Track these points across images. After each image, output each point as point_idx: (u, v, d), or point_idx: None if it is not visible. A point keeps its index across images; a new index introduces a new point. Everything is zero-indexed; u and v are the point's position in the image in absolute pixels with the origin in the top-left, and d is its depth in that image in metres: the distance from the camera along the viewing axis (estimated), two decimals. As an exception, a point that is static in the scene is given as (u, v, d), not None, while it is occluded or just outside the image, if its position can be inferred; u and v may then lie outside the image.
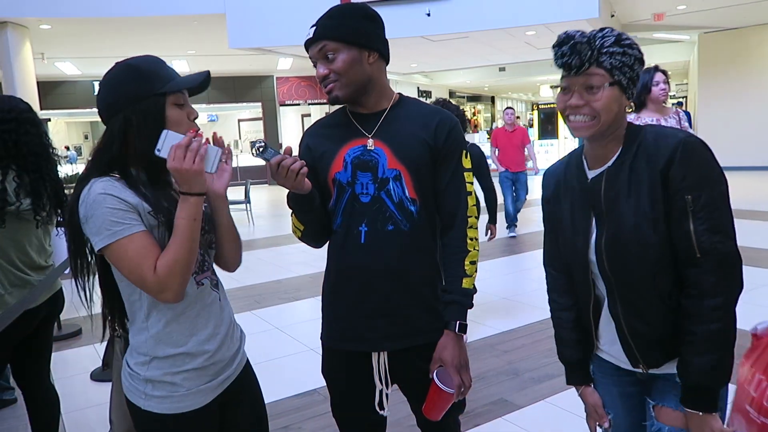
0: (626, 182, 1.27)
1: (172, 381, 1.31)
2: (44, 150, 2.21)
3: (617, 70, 1.23)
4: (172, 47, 11.98)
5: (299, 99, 17.29)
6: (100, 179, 1.26)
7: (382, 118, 1.54)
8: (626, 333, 1.34)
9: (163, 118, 1.30)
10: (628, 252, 1.27)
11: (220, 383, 1.39)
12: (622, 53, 1.23)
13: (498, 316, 4.37)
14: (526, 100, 31.75)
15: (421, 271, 1.55)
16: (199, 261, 1.37)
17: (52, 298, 2.29)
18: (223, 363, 1.40)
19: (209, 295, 1.39)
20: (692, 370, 1.24)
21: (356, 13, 1.48)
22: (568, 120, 1.29)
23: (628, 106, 1.29)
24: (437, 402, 1.51)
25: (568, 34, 1.23)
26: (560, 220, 1.44)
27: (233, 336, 1.46)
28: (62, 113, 17.06)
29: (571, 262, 1.42)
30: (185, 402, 1.33)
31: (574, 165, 1.41)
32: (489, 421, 2.82)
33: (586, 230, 1.35)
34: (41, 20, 8.99)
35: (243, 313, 4.76)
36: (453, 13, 9.23)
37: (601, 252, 1.31)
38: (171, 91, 1.31)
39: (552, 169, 1.50)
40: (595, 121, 1.25)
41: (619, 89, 1.24)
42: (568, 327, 1.50)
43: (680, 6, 10.60)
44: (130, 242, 1.22)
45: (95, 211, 1.22)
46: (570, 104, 1.26)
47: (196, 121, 1.39)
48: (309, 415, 2.96)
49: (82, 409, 3.18)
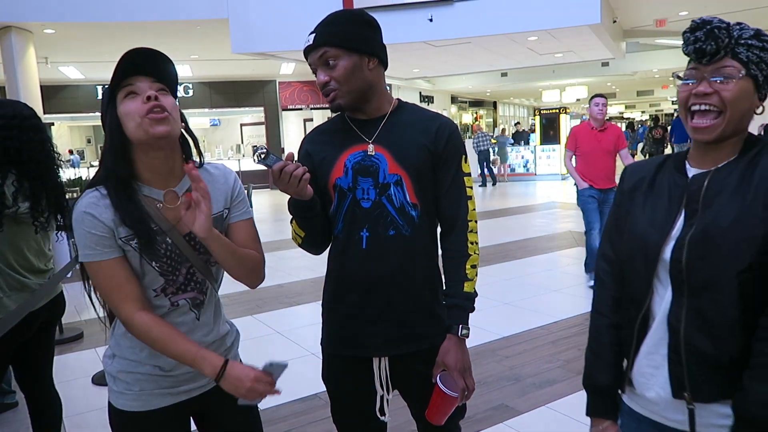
0: (736, 182, 1.14)
1: (125, 380, 1.35)
2: (46, 156, 2.21)
3: (753, 64, 1.11)
4: (175, 52, 11.96)
5: (301, 103, 17.33)
6: (89, 192, 1.28)
7: (382, 123, 1.54)
8: (682, 351, 1.15)
9: (118, 119, 1.26)
10: (717, 247, 1.11)
11: (182, 392, 1.40)
12: (761, 48, 1.11)
13: (499, 321, 4.36)
14: (528, 106, 31.78)
15: (422, 276, 1.55)
16: (181, 282, 1.35)
17: (52, 302, 2.30)
18: (187, 376, 1.39)
19: (182, 315, 1.38)
20: (754, 399, 1.07)
21: (356, 19, 1.49)
22: (690, 117, 1.16)
23: (757, 107, 1.16)
24: (441, 406, 1.51)
25: (704, 20, 1.12)
26: (634, 215, 1.28)
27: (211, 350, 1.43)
28: (65, 117, 17.10)
29: (634, 260, 1.24)
30: (138, 401, 1.35)
31: (671, 164, 1.27)
32: (490, 426, 2.81)
33: (666, 225, 1.20)
34: (45, 24, 9.02)
35: (244, 317, 4.77)
36: (455, 19, 9.25)
37: (682, 248, 1.15)
38: (116, 87, 1.27)
39: (638, 164, 1.37)
40: (719, 119, 1.13)
41: (753, 84, 1.12)
42: (609, 346, 1.31)
43: (682, 12, 10.61)
44: (99, 268, 1.27)
45: (76, 229, 1.27)
46: (697, 91, 1.13)
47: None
48: (310, 419, 2.95)
49: (84, 412, 3.18)
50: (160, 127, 1.24)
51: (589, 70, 17.45)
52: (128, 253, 1.29)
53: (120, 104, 1.26)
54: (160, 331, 1.26)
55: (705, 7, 10.22)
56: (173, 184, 1.34)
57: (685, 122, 1.18)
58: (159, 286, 1.33)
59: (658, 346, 1.20)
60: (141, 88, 1.26)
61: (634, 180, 1.33)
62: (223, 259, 1.33)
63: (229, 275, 1.43)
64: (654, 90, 27.04)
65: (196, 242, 1.36)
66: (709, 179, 1.17)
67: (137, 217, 1.26)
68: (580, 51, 12.44)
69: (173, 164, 1.33)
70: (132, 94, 1.26)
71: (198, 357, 1.25)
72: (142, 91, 1.25)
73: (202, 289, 1.41)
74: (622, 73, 18.64)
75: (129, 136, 1.26)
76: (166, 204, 1.32)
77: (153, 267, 1.30)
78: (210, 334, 1.43)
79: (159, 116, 1.24)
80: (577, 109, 23.68)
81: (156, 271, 1.31)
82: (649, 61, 17.10)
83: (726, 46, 1.11)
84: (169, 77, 1.32)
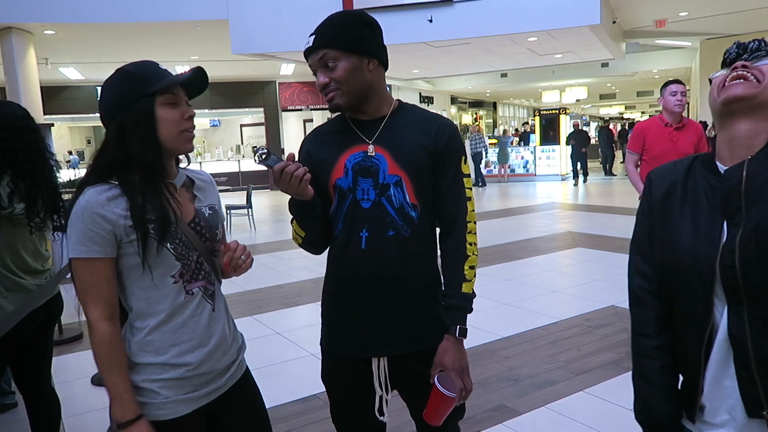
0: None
1: (150, 388, 1.33)
2: (38, 157, 2.20)
3: None
4: (175, 53, 12.03)
5: (301, 104, 17.34)
6: (93, 188, 1.29)
7: (382, 124, 1.54)
8: (753, 364, 1.04)
9: (153, 119, 1.31)
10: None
11: (204, 395, 1.39)
12: None
13: (498, 321, 4.36)
14: (528, 106, 31.79)
15: (421, 277, 1.56)
16: (192, 269, 1.37)
17: (49, 302, 2.29)
18: (209, 375, 1.40)
19: (199, 306, 1.39)
20: None
21: (355, 20, 1.49)
22: (725, 87, 1.11)
23: None
24: (439, 407, 1.51)
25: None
26: (674, 226, 1.17)
27: (227, 348, 1.45)
28: (65, 118, 17.11)
29: (687, 279, 1.12)
30: (163, 410, 1.33)
31: (699, 165, 1.19)
32: (489, 427, 2.81)
33: (713, 234, 1.10)
34: (45, 26, 9.03)
35: (244, 317, 4.77)
36: (455, 20, 9.26)
37: (733, 251, 1.05)
38: (159, 89, 1.31)
39: (663, 168, 1.26)
40: (758, 88, 1.08)
41: None
42: (662, 369, 1.18)
43: (682, 12, 10.62)
44: (88, 265, 1.27)
45: (74, 223, 1.26)
46: (736, 66, 1.11)
47: (197, 127, 1.41)
48: (309, 420, 2.95)
49: (83, 413, 3.18)
50: (191, 144, 1.39)
51: (589, 70, 17.47)
52: (132, 244, 1.29)
53: (159, 107, 1.32)
54: (113, 348, 1.28)
55: (704, 8, 10.23)
56: (172, 178, 1.41)
57: (719, 98, 1.12)
58: (177, 271, 1.35)
59: (724, 365, 1.09)
60: (182, 101, 1.37)
61: (665, 186, 1.22)
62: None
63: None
64: (654, 90, 26.99)
65: (200, 230, 1.41)
66: (746, 170, 1.08)
67: (163, 203, 1.33)
68: (579, 52, 12.45)
69: (172, 161, 1.44)
70: (174, 104, 1.35)
71: (125, 394, 1.28)
72: (182, 103, 1.37)
73: (210, 279, 1.44)
74: (621, 73, 18.65)
75: (160, 138, 1.33)
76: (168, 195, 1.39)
77: (170, 250, 1.33)
78: (226, 327, 1.46)
79: (192, 135, 1.39)
80: (576, 110, 23.65)
81: (173, 255, 1.33)
82: (649, 62, 17.11)
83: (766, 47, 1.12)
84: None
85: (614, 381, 3.25)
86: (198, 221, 1.42)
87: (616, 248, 6.66)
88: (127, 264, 1.31)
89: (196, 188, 1.48)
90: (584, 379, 3.31)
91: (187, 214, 1.40)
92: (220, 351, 1.42)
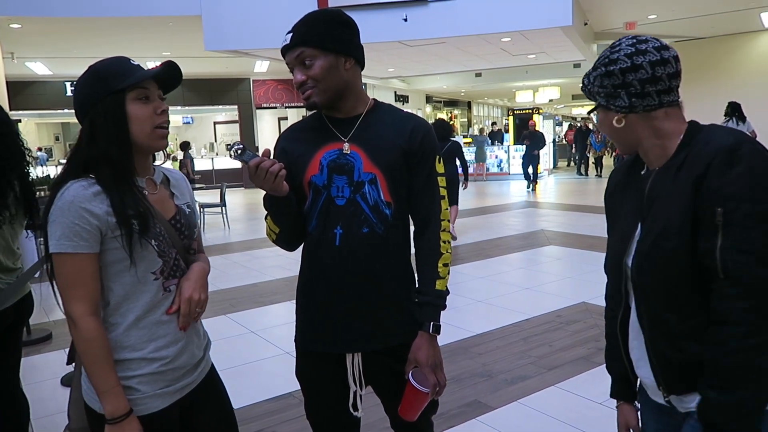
0: (669, 184, 1.14)
1: (127, 385, 1.32)
2: (7, 151, 2.16)
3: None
4: (146, 48, 11.83)
5: (276, 102, 17.22)
6: (77, 182, 1.27)
7: (357, 122, 1.55)
8: (650, 350, 1.21)
9: (124, 116, 1.30)
10: (650, 260, 1.14)
11: (179, 389, 1.40)
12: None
13: (472, 318, 4.41)
14: (501, 106, 32.07)
15: (394, 274, 1.57)
16: (171, 266, 1.38)
17: (19, 302, 2.24)
18: (183, 369, 1.41)
19: (174, 302, 1.39)
20: (708, 407, 1.10)
21: (332, 19, 1.50)
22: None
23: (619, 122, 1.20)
24: (413, 402, 1.53)
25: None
26: (611, 223, 1.34)
27: (199, 344, 1.48)
28: (33, 114, 16.72)
29: (609, 265, 1.33)
30: (140, 406, 1.33)
31: (640, 162, 1.27)
32: (463, 422, 2.84)
33: (629, 233, 1.23)
34: (11, 19, 8.80)
35: (218, 316, 4.73)
36: (430, 19, 9.30)
37: (635, 256, 1.19)
38: (129, 86, 1.30)
39: (618, 165, 1.37)
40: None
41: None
42: (611, 337, 1.39)
43: (651, 15, 10.84)
44: (71, 260, 1.25)
45: (58, 218, 1.25)
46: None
47: (172, 126, 1.40)
48: (284, 418, 2.95)
49: (52, 414, 3.12)
50: (164, 141, 1.38)
51: (562, 71, 17.67)
52: (116, 239, 1.28)
53: (129, 103, 1.31)
54: (102, 344, 1.27)
55: (672, 11, 10.46)
56: (150, 174, 1.43)
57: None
58: (158, 268, 1.35)
59: (638, 342, 1.28)
60: (154, 96, 1.35)
61: (612, 184, 1.35)
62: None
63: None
64: (624, 91, 27.45)
65: (180, 227, 1.42)
66: (650, 181, 1.20)
67: (137, 200, 1.32)
68: (552, 52, 12.61)
69: (149, 158, 1.45)
70: (145, 99, 1.33)
71: (116, 388, 1.28)
72: (155, 98, 1.35)
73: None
74: (593, 74, 18.89)
75: (132, 135, 1.32)
76: (149, 191, 1.40)
77: (153, 246, 1.33)
78: (198, 322, 1.47)
79: (166, 132, 1.37)
80: (549, 110, 23.94)
81: (155, 251, 1.33)
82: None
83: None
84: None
85: (585, 376, 3.32)
86: (179, 218, 1.43)
87: (587, 246, 6.78)
88: (108, 259, 1.30)
89: (172, 186, 1.48)
90: (555, 374, 3.37)
91: (167, 211, 1.41)
92: (194, 345, 1.44)
